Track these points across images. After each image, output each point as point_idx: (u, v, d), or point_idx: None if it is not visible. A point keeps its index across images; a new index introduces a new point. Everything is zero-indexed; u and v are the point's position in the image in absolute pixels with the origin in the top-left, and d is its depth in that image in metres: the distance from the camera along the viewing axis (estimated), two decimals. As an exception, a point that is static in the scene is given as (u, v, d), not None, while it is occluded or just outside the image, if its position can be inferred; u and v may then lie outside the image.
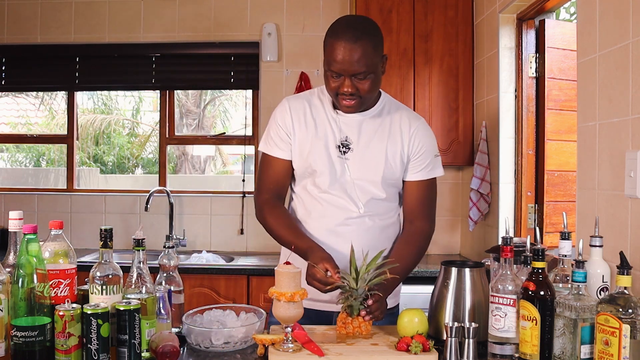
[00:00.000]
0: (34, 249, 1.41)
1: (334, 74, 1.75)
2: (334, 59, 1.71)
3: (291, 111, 1.91)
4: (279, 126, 1.91)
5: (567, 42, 2.80)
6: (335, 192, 1.87)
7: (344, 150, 1.86)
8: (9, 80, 3.97)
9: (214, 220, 3.83)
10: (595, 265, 1.55)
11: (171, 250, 1.74)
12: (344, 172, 1.86)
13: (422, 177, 1.90)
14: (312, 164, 1.87)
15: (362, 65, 1.71)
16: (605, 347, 1.30)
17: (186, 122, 7.87)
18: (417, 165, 1.89)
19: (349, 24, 1.74)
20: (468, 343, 1.44)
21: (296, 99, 1.94)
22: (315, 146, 1.87)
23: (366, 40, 1.71)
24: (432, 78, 3.38)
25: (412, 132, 1.88)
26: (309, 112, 1.90)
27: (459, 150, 3.39)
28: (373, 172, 1.86)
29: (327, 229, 1.87)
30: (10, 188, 4.18)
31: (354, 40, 1.69)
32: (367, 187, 1.87)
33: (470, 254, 3.50)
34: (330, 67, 1.74)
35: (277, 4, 3.79)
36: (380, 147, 1.86)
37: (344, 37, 1.70)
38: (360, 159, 1.86)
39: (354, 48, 1.69)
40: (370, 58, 1.72)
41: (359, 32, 1.71)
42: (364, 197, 1.87)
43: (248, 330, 1.59)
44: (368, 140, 1.86)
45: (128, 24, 3.84)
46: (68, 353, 1.37)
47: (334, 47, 1.71)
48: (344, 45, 1.69)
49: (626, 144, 1.74)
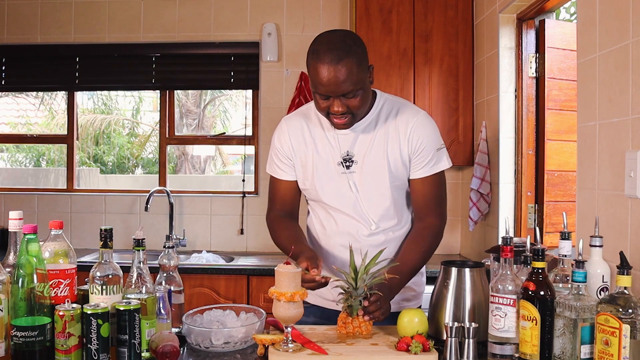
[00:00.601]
0: (34, 249, 1.41)
1: (321, 95, 1.72)
2: (320, 82, 1.68)
3: (289, 133, 1.91)
4: (279, 150, 1.93)
5: (567, 42, 2.80)
6: (345, 210, 1.87)
7: (347, 165, 1.85)
8: (9, 80, 3.97)
9: (214, 220, 3.83)
10: (595, 265, 1.55)
11: (171, 250, 1.74)
12: (351, 188, 1.86)
13: (426, 174, 1.87)
14: (317, 183, 1.88)
15: (348, 85, 1.68)
16: (605, 347, 1.30)
17: (186, 122, 7.87)
18: (419, 162, 1.86)
19: (330, 44, 1.67)
20: (468, 343, 1.44)
21: (293, 119, 1.94)
22: (318, 165, 1.87)
23: (349, 58, 1.66)
24: (432, 78, 3.38)
25: (410, 130, 1.85)
26: (307, 131, 1.90)
27: (459, 150, 3.39)
28: (379, 181, 1.85)
29: (341, 244, 1.88)
30: (10, 188, 4.18)
31: (337, 60, 1.65)
32: (377, 199, 1.86)
33: (470, 254, 3.50)
34: (317, 90, 1.71)
35: (277, 4, 3.79)
36: (382, 154, 1.84)
37: (327, 58, 1.65)
38: (365, 170, 1.85)
39: (338, 69, 1.65)
40: (356, 75, 1.68)
41: (342, 51, 1.66)
42: (374, 213, 1.87)
43: (248, 330, 1.59)
44: (369, 150, 1.85)
45: (128, 24, 3.84)
46: (68, 353, 1.37)
47: (318, 70, 1.67)
48: (327, 67, 1.65)
49: (626, 144, 1.74)
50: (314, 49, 1.70)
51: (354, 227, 1.88)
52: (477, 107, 3.36)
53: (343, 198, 1.86)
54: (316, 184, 1.88)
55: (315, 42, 1.72)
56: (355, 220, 1.87)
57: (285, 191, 1.96)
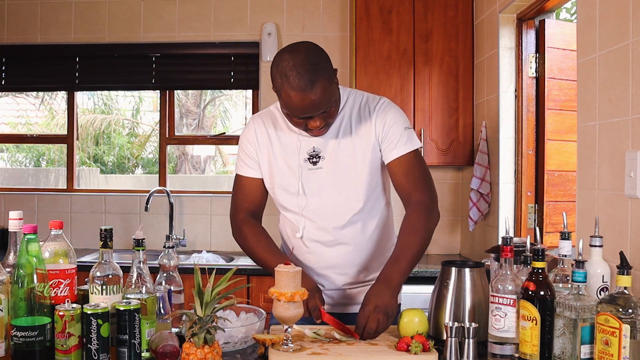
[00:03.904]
0: (34, 249, 1.41)
1: (297, 117, 1.70)
2: (294, 107, 1.66)
3: (255, 129, 1.89)
4: (245, 145, 1.90)
5: (567, 42, 2.80)
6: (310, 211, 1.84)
7: (314, 161, 1.82)
8: (9, 80, 3.97)
9: (214, 220, 3.83)
10: (595, 265, 1.55)
11: (171, 250, 1.74)
12: (319, 185, 1.82)
13: (401, 153, 1.79)
14: (282, 181, 1.85)
15: (324, 104, 1.66)
16: (605, 347, 1.30)
17: (186, 122, 7.87)
18: (390, 143, 1.80)
19: (298, 67, 1.61)
20: (468, 343, 1.44)
21: (260, 116, 1.92)
22: (281, 164, 1.85)
23: (320, 79, 1.63)
24: (432, 78, 3.38)
25: (375, 115, 1.81)
26: (272, 129, 1.87)
27: (459, 150, 3.39)
28: (350, 173, 1.81)
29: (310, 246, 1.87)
30: (10, 188, 4.18)
31: (311, 85, 1.61)
32: (346, 192, 1.82)
33: (470, 254, 3.50)
34: (293, 114, 1.69)
35: (277, 4, 3.79)
36: (349, 147, 1.81)
37: (298, 85, 1.61)
38: (333, 165, 1.81)
39: (313, 93, 1.62)
40: (328, 92, 1.66)
41: (312, 73, 1.62)
42: (344, 207, 1.83)
43: (248, 330, 1.59)
44: (336, 145, 1.81)
45: (128, 24, 3.84)
46: (68, 353, 1.37)
47: (291, 96, 1.63)
48: (302, 95, 1.62)
49: (626, 144, 1.74)
50: (281, 72, 1.64)
51: (320, 227, 1.84)
52: (477, 107, 3.36)
53: (309, 195, 1.83)
54: (280, 179, 1.85)
55: (280, 63, 1.65)
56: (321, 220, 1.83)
57: (252, 189, 1.90)
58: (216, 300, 1.40)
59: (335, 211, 1.83)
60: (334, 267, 1.87)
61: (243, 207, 1.92)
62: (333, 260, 1.86)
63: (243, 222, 1.90)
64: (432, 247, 3.76)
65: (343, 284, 1.90)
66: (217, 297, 1.40)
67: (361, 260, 1.87)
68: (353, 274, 1.88)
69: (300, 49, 1.67)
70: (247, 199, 1.91)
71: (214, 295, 1.40)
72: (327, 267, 1.88)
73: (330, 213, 1.83)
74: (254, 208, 1.92)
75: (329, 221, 1.83)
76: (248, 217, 1.91)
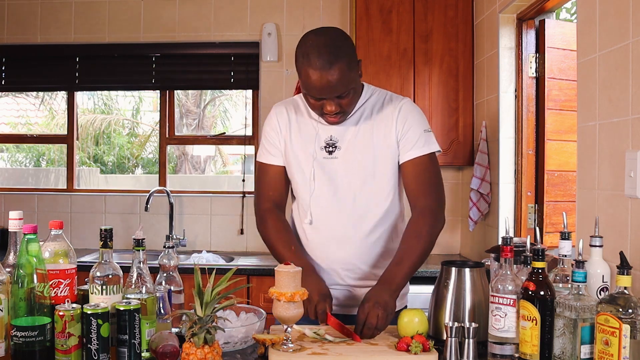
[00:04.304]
0: (34, 249, 1.41)
1: (313, 97, 1.73)
2: (312, 86, 1.69)
3: (277, 115, 1.92)
4: (268, 133, 1.93)
5: (567, 42, 2.80)
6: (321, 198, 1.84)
7: (330, 150, 1.84)
8: (9, 80, 3.97)
9: (214, 220, 3.83)
10: (595, 265, 1.55)
11: (171, 250, 1.74)
12: (331, 175, 1.83)
13: (417, 154, 1.81)
14: (297, 166, 1.86)
15: (341, 87, 1.69)
16: (605, 347, 1.30)
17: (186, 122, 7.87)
18: (408, 143, 1.82)
19: (320, 47, 1.66)
20: (468, 343, 1.44)
21: (281, 104, 1.95)
22: (298, 149, 1.87)
23: (340, 61, 1.66)
24: (432, 78, 3.38)
25: (397, 113, 1.83)
26: (293, 116, 1.91)
27: (459, 150, 3.39)
28: (364, 166, 1.82)
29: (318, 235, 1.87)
30: (10, 188, 4.18)
31: (329, 65, 1.65)
32: (359, 185, 1.83)
33: (470, 254, 3.50)
34: (309, 93, 1.72)
35: (277, 4, 3.79)
36: (367, 141, 1.83)
37: (318, 64, 1.65)
38: (348, 156, 1.83)
39: (330, 74, 1.65)
40: (347, 76, 1.69)
41: (332, 55, 1.65)
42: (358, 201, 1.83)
43: (248, 330, 1.59)
44: (354, 137, 1.83)
45: (128, 24, 3.84)
46: (68, 353, 1.37)
47: (310, 75, 1.67)
48: (319, 73, 1.65)
49: (626, 144, 1.74)
50: (303, 52, 1.69)
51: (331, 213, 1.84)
52: (477, 107, 3.36)
53: (317, 183, 1.84)
54: (295, 166, 1.87)
55: (304, 44, 1.71)
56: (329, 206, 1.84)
57: (274, 177, 1.91)
58: (216, 300, 1.40)
59: (344, 202, 1.83)
60: (340, 261, 1.85)
61: (267, 196, 1.92)
62: (340, 253, 1.85)
63: (267, 213, 1.90)
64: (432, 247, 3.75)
65: (349, 282, 1.88)
66: (217, 297, 1.40)
67: (367, 258, 1.86)
68: (359, 272, 1.87)
69: (326, 32, 1.73)
70: (270, 187, 1.92)
71: (214, 295, 1.40)
72: (334, 260, 1.86)
73: (339, 204, 1.83)
74: (278, 197, 1.92)
75: (337, 211, 1.83)
76: (272, 207, 1.91)
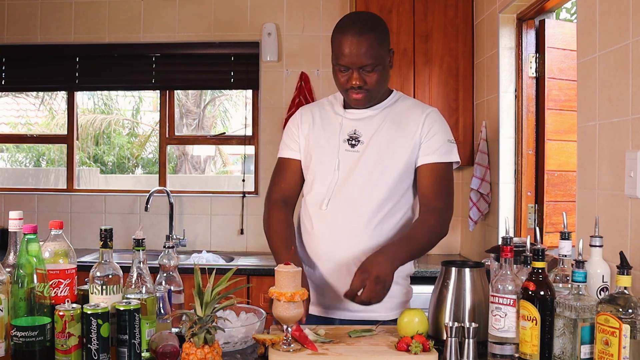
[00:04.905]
0: (34, 249, 1.41)
1: (342, 67, 1.79)
2: (342, 52, 1.77)
3: (301, 114, 1.99)
4: (289, 129, 1.99)
5: (567, 42, 2.80)
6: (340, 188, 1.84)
7: (352, 143, 1.87)
8: (9, 80, 3.97)
9: (214, 220, 3.83)
10: (595, 265, 1.55)
11: (171, 250, 1.74)
12: (352, 167, 1.84)
13: (437, 160, 1.85)
14: (321, 157, 1.88)
15: (368, 57, 1.76)
16: (605, 347, 1.30)
17: (186, 122, 7.88)
18: (430, 147, 1.85)
19: (355, 20, 1.81)
20: (468, 343, 1.44)
21: (308, 105, 2.04)
22: (322, 140, 1.90)
23: (372, 33, 1.77)
24: (432, 78, 3.38)
25: (424, 117, 1.86)
26: (317, 113, 1.97)
27: (459, 150, 3.32)
28: (381, 164, 1.83)
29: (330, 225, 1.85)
30: (10, 188, 4.18)
31: (360, 33, 1.75)
32: (378, 181, 1.83)
33: (470, 254, 3.49)
34: (338, 61, 1.79)
35: (277, 4, 3.79)
36: (390, 138, 1.85)
37: (351, 31, 1.76)
38: (370, 150, 1.84)
39: (361, 41, 1.75)
40: (376, 50, 1.77)
41: (365, 26, 1.77)
42: (374, 197, 1.83)
43: (248, 330, 1.59)
44: (377, 132, 1.86)
45: (128, 24, 3.84)
46: (68, 353, 1.37)
47: (341, 41, 1.77)
48: (350, 39, 1.75)
49: (626, 144, 1.74)
50: (340, 24, 1.82)
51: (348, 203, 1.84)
52: (477, 107, 3.36)
53: (340, 173, 1.84)
54: (319, 157, 1.89)
55: (342, 19, 1.85)
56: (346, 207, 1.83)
57: (290, 169, 1.96)
58: (216, 300, 1.40)
59: (362, 196, 1.83)
60: (348, 252, 1.81)
61: (278, 187, 1.96)
62: (350, 243, 1.81)
63: (274, 204, 1.94)
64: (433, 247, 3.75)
65: None
66: (217, 297, 1.40)
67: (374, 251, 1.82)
68: None
69: (365, 12, 1.88)
70: (283, 179, 1.97)
71: (214, 295, 1.39)
72: (342, 250, 1.82)
73: (356, 196, 1.83)
74: (289, 190, 1.96)
75: (353, 202, 1.83)
76: (281, 200, 1.94)
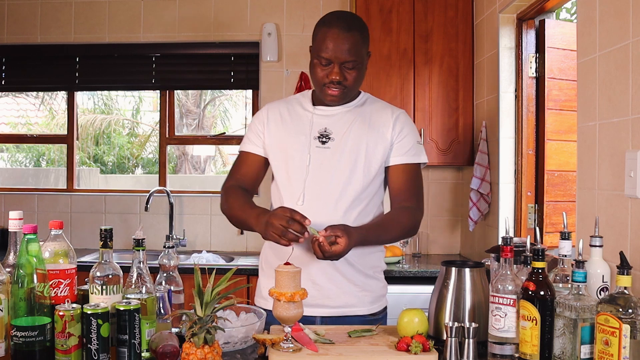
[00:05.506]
0: (34, 249, 1.41)
1: (323, 60, 1.79)
2: (326, 46, 1.78)
3: (268, 110, 1.98)
4: (254, 124, 1.97)
5: (567, 42, 2.80)
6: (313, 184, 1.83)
7: (323, 140, 1.87)
8: (9, 80, 3.97)
9: (214, 220, 3.83)
10: (595, 265, 1.55)
11: (171, 250, 1.74)
12: (323, 164, 1.84)
13: (407, 161, 1.89)
14: (292, 153, 1.87)
15: (352, 54, 1.78)
16: (605, 347, 1.30)
17: (186, 122, 7.87)
18: (401, 148, 1.89)
19: (341, 17, 1.84)
20: (468, 343, 1.44)
21: (274, 102, 2.02)
22: (292, 137, 1.89)
23: (357, 31, 1.80)
24: (432, 78, 3.38)
25: (394, 118, 1.90)
26: (285, 110, 1.95)
27: (459, 150, 3.39)
28: (354, 161, 1.84)
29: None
30: (10, 188, 4.18)
31: (347, 29, 1.78)
32: (347, 180, 1.83)
33: (470, 254, 3.49)
34: (321, 54, 1.79)
35: (277, 4, 3.79)
36: (361, 136, 1.87)
37: (337, 26, 1.78)
38: (342, 148, 1.85)
39: (347, 37, 1.77)
40: (359, 49, 1.80)
41: (352, 24, 1.80)
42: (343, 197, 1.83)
43: (248, 330, 1.59)
44: (347, 130, 1.87)
45: (128, 24, 3.84)
46: (68, 353, 1.37)
47: (327, 35, 1.79)
48: (337, 33, 1.77)
49: (626, 144, 1.74)
50: (324, 19, 1.85)
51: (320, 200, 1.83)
52: (477, 107, 3.36)
53: (312, 169, 1.84)
54: (289, 150, 1.88)
55: (326, 15, 1.88)
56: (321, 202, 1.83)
57: (248, 164, 1.95)
58: (216, 300, 1.40)
59: (333, 192, 1.84)
60: None
61: (234, 178, 1.96)
62: None
63: (229, 189, 1.94)
64: (432, 247, 3.76)
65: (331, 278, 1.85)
66: (217, 297, 1.40)
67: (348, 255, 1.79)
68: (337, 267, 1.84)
69: (350, 12, 1.87)
70: (240, 171, 1.97)
71: (214, 295, 1.39)
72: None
73: (328, 193, 1.84)
74: (244, 181, 1.95)
75: (326, 200, 1.83)
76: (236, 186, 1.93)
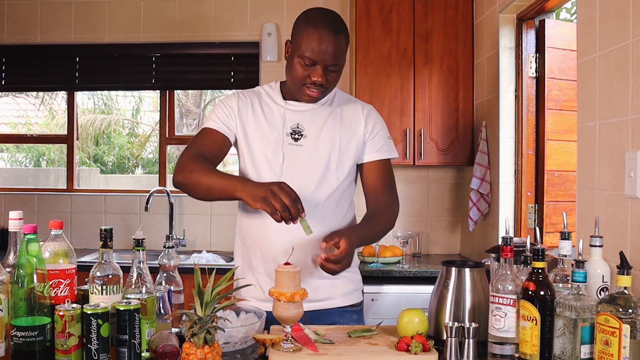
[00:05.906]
0: (34, 249, 1.41)
1: (307, 60, 1.76)
2: (313, 47, 1.74)
3: (239, 100, 1.91)
4: (221, 107, 1.91)
5: (567, 42, 2.81)
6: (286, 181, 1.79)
7: (295, 137, 1.86)
8: (9, 80, 3.98)
9: (214, 220, 3.83)
10: (595, 265, 1.55)
11: (171, 250, 1.74)
12: (295, 161, 1.84)
13: (381, 157, 1.91)
14: (264, 149, 1.85)
15: (338, 57, 1.77)
16: (605, 347, 1.30)
17: (186, 122, 7.87)
18: (374, 145, 1.91)
19: (328, 16, 1.78)
20: (468, 343, 1.44)
21: (244, 92, 1.96)
22: (264, 131, 1.87)
23: (343, 34, 1.78)
24: (432, 78, 3.38)
25: (365, 115, 1.92)
26: (257, 102, 1.92)
27: (459, 150, 3.39)
28: (328, 160, 1.85)
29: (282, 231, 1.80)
30: (10, 188, 4.18)
31: (336, 32, 1.75)
32: (320, 178, 1.84)
33: (470, 254, 3.49)
34: (305, 54, 1.75)
35: (277, 4, 3.79)
36: (333, 133, 1.87)
37: (326, 28, 1.74)
38: (315, 146, 1.85)
39: (335, 40, 1.75)
40: (343, 52, 1.79)
41: (339, 25, 1.78)
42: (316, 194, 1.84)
43: (248, 330, 1.59)
44: (320, 127, 1.87)
45: (128, 24, 3.84)
46: (68, 353, 1.37)
47: (314, 36, 1.74)
48: (326, 35, 1.74)
49: (626, 144, 1.74)
50: (309, 17, 1.78)
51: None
52: (477, 107, 3.36)
53: (285, 166, 1.83)
54: (263, 150, 1.86)
55: (307, 14, 1.80)
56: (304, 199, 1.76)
57: (215, 141, 1.86)
58: (216, 300, 1.40)
59: (307, 188, 1.83)
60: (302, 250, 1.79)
61: (198, 148, 1.85)
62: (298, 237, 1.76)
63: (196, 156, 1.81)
64: (432, 247, 3.76)
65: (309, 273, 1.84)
66: (217, 297, 1.40)
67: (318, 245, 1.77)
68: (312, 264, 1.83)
69: (331, 10, 1.82)
70: (206, 145, 1.86)
71: (214, 295, 1.39)
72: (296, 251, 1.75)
73: (301, 189, 1.79)
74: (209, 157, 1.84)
75: (305, 195, 1.79)
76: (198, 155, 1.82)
